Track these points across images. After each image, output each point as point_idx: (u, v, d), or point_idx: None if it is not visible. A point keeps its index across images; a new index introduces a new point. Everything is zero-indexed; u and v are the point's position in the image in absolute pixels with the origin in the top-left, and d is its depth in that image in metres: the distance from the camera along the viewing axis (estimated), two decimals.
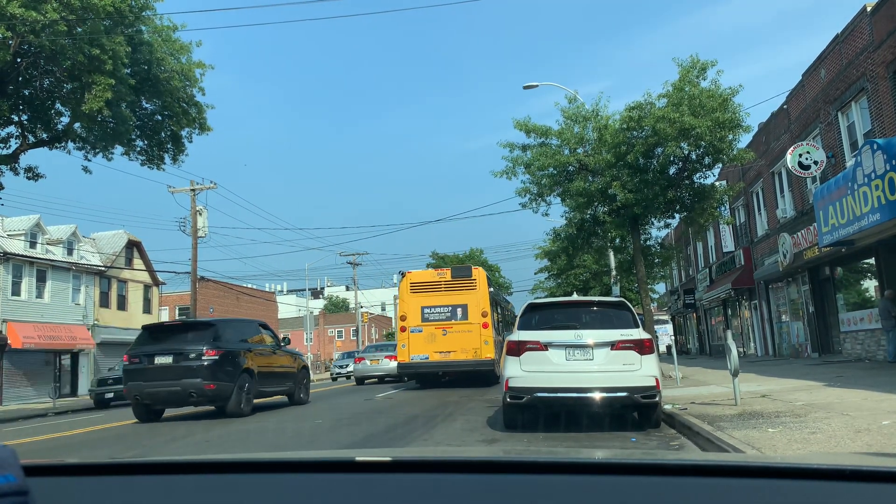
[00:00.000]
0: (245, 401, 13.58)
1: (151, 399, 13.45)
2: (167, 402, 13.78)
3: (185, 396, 13.18)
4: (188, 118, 22.19)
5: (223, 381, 13.16)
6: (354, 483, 1.07)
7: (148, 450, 9.57)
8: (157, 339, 13.91)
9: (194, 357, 13.07)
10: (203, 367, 12.96)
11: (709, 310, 38.57)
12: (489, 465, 1.22)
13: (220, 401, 13.39)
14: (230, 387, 13.24)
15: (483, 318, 18.94)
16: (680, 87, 16.33)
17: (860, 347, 18.61)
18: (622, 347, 8.73)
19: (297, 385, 16.24)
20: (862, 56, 16.89)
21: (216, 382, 13.04)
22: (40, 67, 18.84)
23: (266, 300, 59.25)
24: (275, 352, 15.71)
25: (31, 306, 33.17)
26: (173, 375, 13.04)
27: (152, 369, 13.24)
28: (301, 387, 16.43)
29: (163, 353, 13.34)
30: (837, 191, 15.39)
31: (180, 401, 13.46)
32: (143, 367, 13.32)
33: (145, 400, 13.48)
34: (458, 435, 9.12)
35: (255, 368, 14.14)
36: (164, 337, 13.96)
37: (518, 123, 18.27)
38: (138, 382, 13.28)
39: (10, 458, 0.62)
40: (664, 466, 1.12)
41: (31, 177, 20.75)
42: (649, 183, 16.87)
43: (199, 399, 13.29)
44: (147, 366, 13.28)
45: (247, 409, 13.64)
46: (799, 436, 6.64)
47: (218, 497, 1.06)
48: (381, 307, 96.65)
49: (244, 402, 13.55)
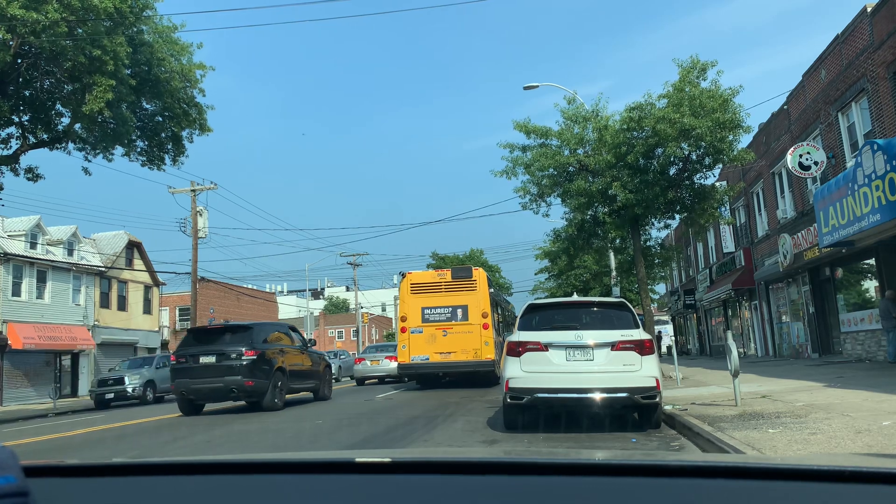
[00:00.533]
0: (279, 396, 14.91)
1: (196, 394, 14.77)
2: (210, 398, 14.99)
3: (226, 392, 14.48)
4: (188, 119, 22.19)
5: (260, 378, 14.48)
6: (354, 484, 1.07)
7: (148, 450, 9.57)
8: (201, 341, 15.27)
9: (235, 357, 14.40)
10: (243, 365, 14.29)
11: (709, 310, 38.57)
12: (489, 466, 1.22)
13: (256, 396, 14.61)
14: (266, 384, 14.54)
15: (483, 318, 18.94)
16: (680, 87, 16.33)
17: (860, 348, 18.60)
18: (622, 348, 8.73)
19: (322, 382, 17.58)
20: (862, 56, 16.89)
21: (254, 380, 14.37)
22: (41, 68, 18.84)
23: (266, 301, 59.26)
24: (302, 352, 17.02)
25: (31, 307, 33.17)
26: (216, 373, 14.37)
27: (197, 368, 14.58)
28: (325, 384, 17.82)
29: (207, 353, 14.66)
30: (838, 191, 15.38)
31: (222, 396, 14.72)
32: (189, 366, 14.67)
33: (190, 395, 14.82)
34: (459, 436, 9.11)
35: (286, 367, 15.44)
36: (208, 339, 15.32)
37: (518, 125, 18.28)
38: (185, 380, 14.66)
39: (9, 460, 0.62)
40: (665, 468, 1.12)
41: (31, 177, 20.76)
42: (649, 183, 16.87)
43: (238, 394, 14.59)
44: (193, 365, 14.62)
45: (280, 403, 14.90)
46: (799, 436, 6.64)
47: (218, 498, 1.06)
48: (382, 308, 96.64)
49: (278, 397, 14.85)
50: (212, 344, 14.94)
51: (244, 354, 14.40)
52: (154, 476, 1.24)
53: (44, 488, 0.72)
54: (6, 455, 0.62)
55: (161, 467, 1.25)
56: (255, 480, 1.16)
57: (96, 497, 1.09)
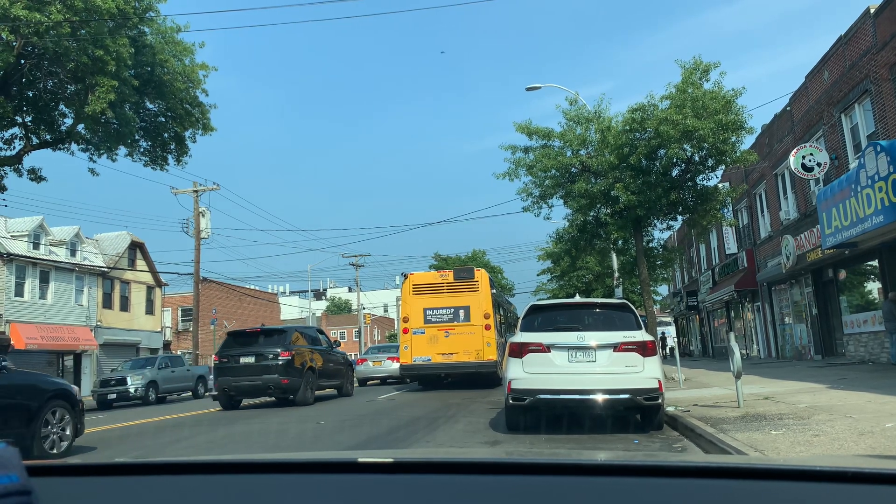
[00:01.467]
0: (310, 392, 16.39)
1: (237, 391, 16.21)
2: (249, 394, 16.47)
3: (264, 389, 15.95)
4: (191, 119, 22.21)
5: (294, 376, 15.86)
6: (356, 484, 1.07)
7: (151, 450, 9.58)
8: (240, 343, 16.73)
9: (272, 357, 15.83)
10: (279, 365, 15.70)
11: (712, 312, 38.52)
12: (491, 466, 1.22)
13: (291, 392, 15.94)
14: (299, 381, 15.97)
15: (485, 319, 18.92)
16: (683, 88, 16.30)
17: (863, 350, 18.57)
18: (625, 349, 8.72)
19: (345, 380, 19.19)
20: (865, 58, 16.86)
21: (289, 378, 15.72)
22: (44, 69, 18.87)
23: (269, 301, 59.30)
24: (329, 353, 18.55)
25: (34, 307, 33.23)
26: (255, 372, 15.79)
27: (238, 367, 16.03)
28: (348, 382, 19.45)
29: (246, 354, 16.12)
30: (841, 193, 15.35)
31: (260, 392, 16.23)
32: (231, 365, 16.14)
33: (231, 392, 16.25)
34: (461, 437, 9.11)
35: (316, 366, 16.96)
36: (247, 341, 16.74)
37: (519, 126, 18.25)
38: (227, 378, 16.10)
39: (13, 459, 0.62)
40: (667, 468, 1.12)
41: (34, 178, 20.78)
42: (652, 185, 16.85)
43: (275, 391, 16.03)
44: (234, 364, 16.08)
45: (311, 398, 16.39)
46: (802, 438, 6.63)
47: (220, 498, 1.06)
48: (384, 309, 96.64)
49: (309, 394, 16.34)
50: (250, 346, 16.40)
51: (280, 355, 15.80)
52: (156, 476, 1.24)
53: (46, 487, 0.72)
54: (9, 454, 0.62)
55: (163, 467, 1.25)
56: (258, 480, 1.16)
57: (98, 496, 1.09)
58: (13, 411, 8.39)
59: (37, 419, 8.63)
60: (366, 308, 65.21)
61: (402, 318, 19.97)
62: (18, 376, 9.07)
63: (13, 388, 8.56)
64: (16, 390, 8.62)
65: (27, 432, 8.45)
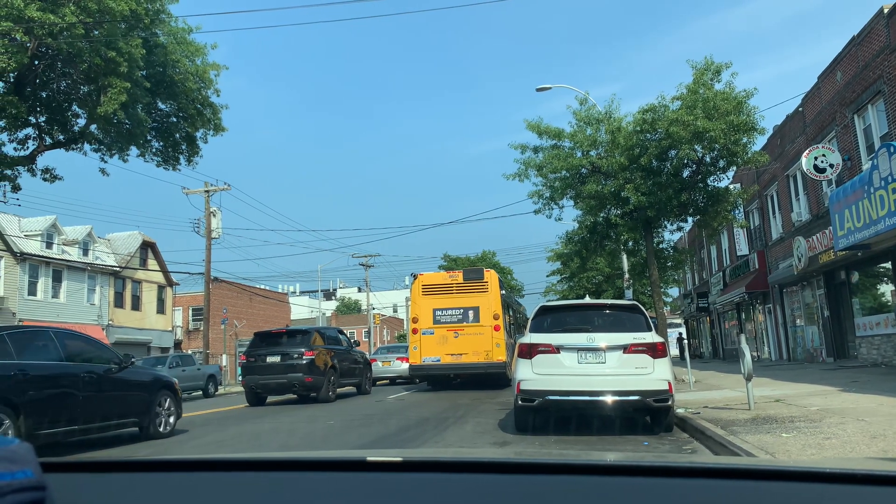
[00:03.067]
0: (332, 390, 17.19)
1: (263, 389, 17.02)
2: (275, 391, 17.25)
3: (289, 387, 16.75)
4: (203, 119, 22.32)
5: (317, 374, 16.66)
6: (366, 482, 1.08)
7: (161, 449, 9.63)
8: (266, 343, 17.48)
9: (297, 357, 16.61)
10: (303, 364, 16.50)
11: (722, 313, 38.32)
12: (500, 466, 1.22)
13: (314, 390, 16.69)
14: (322, 380, 16.76)
15: (495, 320, 18.91)
16: (694, 89, 16.22)
17: (876, 352, 18.41)
18: (635, 351, 8.69)
19: (363, 379, 19.90)
20: (879, 58, 16.74)
21: (312, 376, 16.51)
22: (57, 70, 19.02)
23: (279, 301, 59.46)
24: (349, 353, 19.37)
25: (46, 306, 33.48)
26: (281, 371, 16.59)
27: (264, 366, 16.82)
28: (366, 380, 20.15)
29: (272, 353, 16.90)
30: (853, 194, 15.24)
31: (285, 390, 17.02)
32: (258, 364, 16.93)
33: (258, 389, 17.07)
34: (470, 437, 9.11)
35: (337, 365, 17.71)
36: (272, 341, 17.49)
37: (530, 125, 18.22)
38: (254, 376, 16.94)
39: (27, 455, 0.63)
40: (676, 469, 1.12)
41: (47, 178, 20.94)
42: (662, 186, 16.78)
43: (299, 389, 16.80)
44: (260, 363, 16.88)
45: (333, 396, 17.20)
46: (813, 441, 6.58)
47: (230, 494, 1.07)
48: (393, 309, 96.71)
49: (331, 391, 17.16)
50: (276, 346, 17.14)
51: (304, 355, 16.58)
52: (168, 472, 1.25)
53: (60, 483, 0.73)
54: (24, 450, 0.63)
55: (175, 464, 1.26)
56: (267, 478, 1.17)
57: (111, 492, 1.10)
58: (138, 398, 10.34)
59: (152, 405, 10.59)
60: (375, 308, 65.33)
61: (412, 318, 19.99)
62: (141, 370, 11.12)
63: (138, 380, 10.53)
64: (140, 382, 10.55)
65: (146, 416, 10.41)
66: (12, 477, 0.59)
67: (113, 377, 9.90)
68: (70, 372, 9.11)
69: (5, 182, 19.77)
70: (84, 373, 9.33)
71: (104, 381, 9.67)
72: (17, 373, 8.26)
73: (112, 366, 10.00)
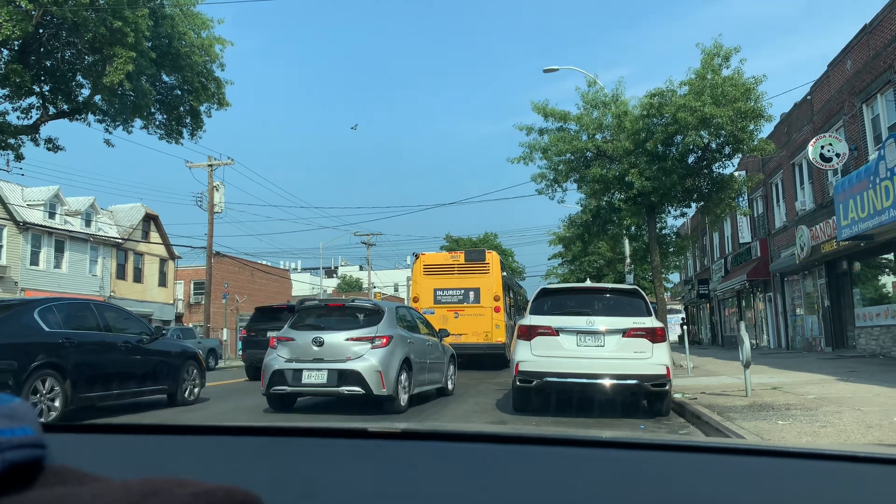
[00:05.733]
0: None
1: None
2: None
3: None
4: (207, 93, 22.19)
5: None
6: (366, 448, 1.09)
7: (162, 418, 9.71)
8: (267, 318, 17.70)
9: None
10: None
11: (723, 300, 38.38)
12: (497, 437, 1.24)
13: None
14: None
15: (495, 301, 18.95)
16: (702, 74, 16.10)
17: (875, 343, 18.46)
18: (634, 335, 8.72)
19: None
20: (890, 47, 16.58)
21: None
22: (62, 39, 18.87)
23: (281, 277, 59.59)
24: None
25: (49, 276, 33.58)
26: None
27: (265, 341, 16.62)
28: None
29: (273, 328, 16.53)
30: (859, 184, 15.18)
31: None
32: (259, 339, 17.03)
33: (258, 364, 16.76)
34: (468, 416, 9.18)
35: None
36: (274, 316, 17.66)
37: (536, 106, 18.10)
38: (255, 350, 17.02)
39: (28, 413, 0.63)
40: (669, 445, 1.13)
41: (51, 148, 20.88)
42: (667, 171, 16.72)
43: None
44: (261, 338, 16.79)
45: None
46: (809, 429, 6.62)
47: (231, 458, 1.08)
48: (395, 288, 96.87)
49: None
50: (277, 321, 16.97)
51: None
52: (169, 436, 1.26)
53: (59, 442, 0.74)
54: (25, 408, 0.63)
55: (177, 428, 1.27)
56: (268, 442, 1.18)
57: (111, 453, 1.11)
58: (167, 367, 10.96)
59: (180, 374, 11.24)
60: (376, 287, 65.49)
61: (413, 297, 20.03)
62: (170, 342, 11.88)
63: (168, 350, 11.18)
64: (169, 352, 11.17)
65: (174, 384, 11.08)
66: (12, 433, 0.59)
67: (145, 347, 10.53)
68: (108, 341, 9.81)
69: (9, 151, 19.73)
70: (121, 342, 10.04)
71: (138, 351, 10.35)
72: (64, 340, 8.89)
73: (144, 336, 10.66)
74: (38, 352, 8.46)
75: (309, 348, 9.48)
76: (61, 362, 8.70)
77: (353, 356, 9.29)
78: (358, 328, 9.64)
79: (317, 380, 9.30)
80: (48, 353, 8.57)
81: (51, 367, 8.55)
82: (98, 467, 0.67)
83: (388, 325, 9.80)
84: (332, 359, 9.33)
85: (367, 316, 9.98)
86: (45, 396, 8.50)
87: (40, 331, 8.68)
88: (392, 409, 9.38)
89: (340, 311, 10.38)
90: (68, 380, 8.77)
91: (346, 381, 9.19)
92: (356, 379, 9.14)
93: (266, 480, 0.93)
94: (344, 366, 9.23)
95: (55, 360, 8.61)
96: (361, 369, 9.14)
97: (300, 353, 9.54)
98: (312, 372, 9.34)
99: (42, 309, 8.96)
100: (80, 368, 8.99)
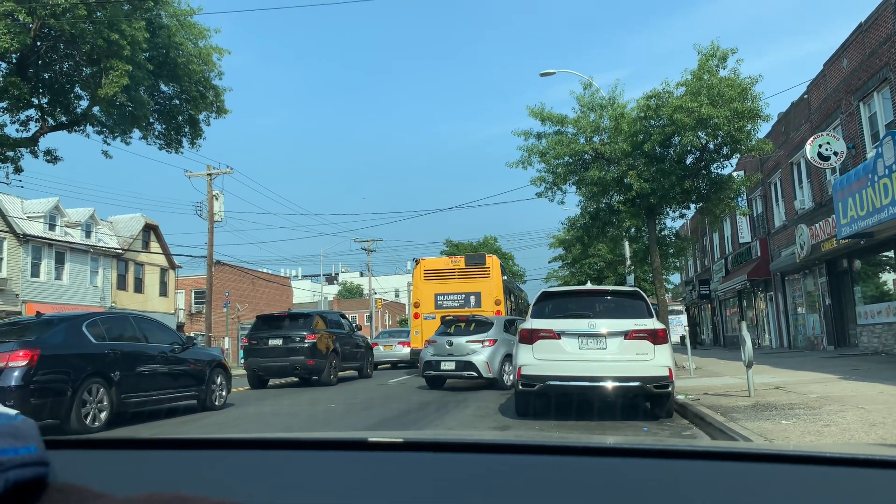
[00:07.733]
0: (333, 373, 17.27)
1: (265, 371, 17.04)
2: (277, 374, 17.22)
3: (291, 369, 16.75)
4: (206, 102, 22.22)
5: (319, 358, 16.78)
6: (366, 460, 1.09)
7: (163, 430, 9.69)
8: (269, 326, 17.59)
9: (299, 340, 16.71)
10: (305, 347, 16.61)
11: (724, 301, 38.34)
12: (500, 447, 1.24)
13: (316, 374, 16.81)
14: (324, 363, 16.88)
15: (496, 305, 18.95)
16: (699, 75, 16.11)
17: (877, 341, 18.43)
18: (636, 337, 8.71)
19: (365, 363, 19.97)
20: (885, 45, 16.61)
21: (314, 359, 16.66)
22: (60, 51, 18.91)
23: (281, 285, 59.58)
24: (350, 336, 19.33)
25: (49, 287, 33.58)
26: (283, 354, 16.69)
27: (266, 349, 16.93)
28: (368, 364, 20.16)
29: (274, 336, 17.03)
30: (857, 182, 15.19)
31: (287, 373, 16.99)
32: (260, 347, 17.03)
33: (260, 372, 17.07)
34: (470, 421, 9.17)
35: (339, 349, 17.84)
36: (274, 324, 17.61)
37: (533, 111, 18.12)
38: (256, 359, 17.04)
39: (31, 430, 0.63)
40: (674, 451, 1.13)
41: (50, 159, 20.89)
42: (666, 172, 16.72)
43: (301, 372, 16.78)
44: (262, 346, 16.98)
45: (334, 379, 17.24)
46: (812, 428, 6.61)
47: (230, 472, 1.08)
48: (395, 294, 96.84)
49: (333, 375, 17.22)
50: (278, 329, 17.24)
51: (306, 338, 16.69)
52: (171, 450, 1.26)
53: (62, 459, 0.74)
54: (28, 426, 0.63)
55: (179, 443, 1.28)
56: (268, 455, 1.18)
57: (112, 469, 1.11)
58: (198, 374, 11.50)
59: (209, 380, 11.73)
60: (377, 293, 65.42)
61: (413, 303, 20.04)
62: (200, 350, 12.41)
63: (198, 359, 11.70)
64: (199, 360, 11.69)
65: (202, 390, 11.54)
66: (16, 452, 0.59)
67: (178, 356, 11.19)
68: (147, 351, 10.53)
69: (8, 164, 19.75)
70: (157, 352, 10.71)
71: (172, 359, 11.02)
72: (109, 351, 9.67)
73: (176, 346, 11.34)
74: (88, 363, 9.22)
75: (444, 347, 14.37)
76: (107, 371, 9.47)
77: (470, 352, 14.11)
78: (475, 334, 14.45)
79: (448, 367, 14.26)
80: (96, 363, 9.33)
81: (98, 376, 9.31)
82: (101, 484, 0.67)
83: (495, 332, 14.48)
84: (459, 354, 14.17)
85: (482, 325, 14.81)
86: (94, 403, 9.24)
87: (89, 343, 9.43)
88: (499, 386, 13.81)
89: (466, 322, 15.22)
90: (113, 387, 9.53)
91: (466, 368, 14.09)
92: (472, 367, 14.02)
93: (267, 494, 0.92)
94: (465, 358, 14.08)
95: (102, 370, 9.39)
96: (476, 361, 14.01)
97: (440, 350, 14.44)
98: (446, 362, 14.27)
99: (89, 323, 9.74)
100: (123, 377, 9.73)
